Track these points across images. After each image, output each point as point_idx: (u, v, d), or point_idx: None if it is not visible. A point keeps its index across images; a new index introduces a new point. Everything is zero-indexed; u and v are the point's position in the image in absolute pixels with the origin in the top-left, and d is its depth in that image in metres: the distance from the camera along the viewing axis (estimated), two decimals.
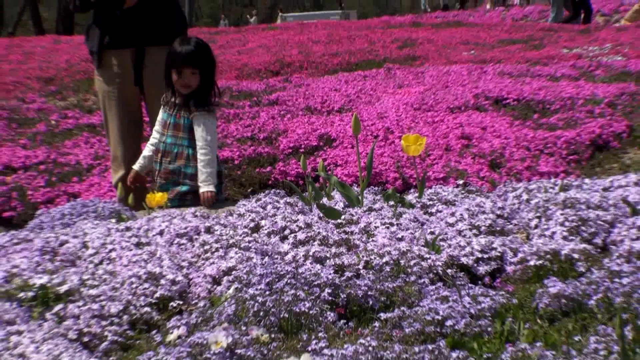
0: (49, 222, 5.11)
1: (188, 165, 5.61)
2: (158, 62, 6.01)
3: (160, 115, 5.82)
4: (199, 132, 5.60)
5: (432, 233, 3.77)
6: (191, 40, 5.81)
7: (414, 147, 4.98)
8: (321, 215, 4.21)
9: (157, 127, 5.83)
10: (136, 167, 5.82)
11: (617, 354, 2.43)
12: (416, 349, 2.71)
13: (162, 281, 3.41)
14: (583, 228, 3.70)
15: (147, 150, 5.86)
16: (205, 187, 5.39)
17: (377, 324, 3.01)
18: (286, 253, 3.64)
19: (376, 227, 3.94)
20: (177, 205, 5.33)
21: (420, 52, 14.92)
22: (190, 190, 5.57)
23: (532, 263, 3.37)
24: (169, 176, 5.62)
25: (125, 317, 3.19)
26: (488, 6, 39.64)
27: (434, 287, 3.24)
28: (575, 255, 3.39)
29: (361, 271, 3.43)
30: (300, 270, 3.33)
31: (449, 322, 2.90)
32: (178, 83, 5.68)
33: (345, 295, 3.19)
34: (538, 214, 3.91)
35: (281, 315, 3.02)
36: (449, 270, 3.41)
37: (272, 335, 2.92)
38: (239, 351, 2.74)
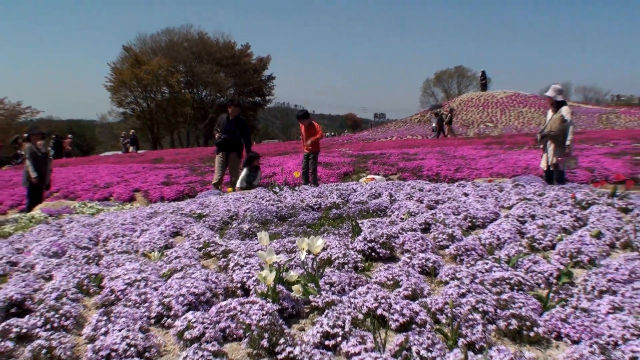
0: (201, 196, 4.63)
1: (257, 186, 5.15)
2: (234, 157, 5.68)
3: (245, 173, 5.32)
4: (258, 177, 5.38)
5: (302, 198, 3.47)
6: (253, 152, 5.50)
7: (297, 175, 4.68)
8: (273, 193, 3.85)
9: (243, 177, 5.30)
10: (241, 186, 5.22)
11: (352, 231, 2.18)
12: (299, 228, 2.47)
13: (232, 211, 3.03)
14: (342, 195, 3.48)
15: (242, 183, 5.25)
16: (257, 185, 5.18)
17: (288, 221, 2.70)
18: (264, 203, 3.30)
19: (287, 196, 3.63)
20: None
21: (296, 149, 14.35)
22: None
23: (321, 206, 3.10)
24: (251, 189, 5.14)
25: (221, 221, 2.82)
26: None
27: (304, 211, 2.96)
28: (340, 203, 3.16)
29: (283, 207, 3.11)
30: (267, 208, 3.01)
31: (308, 221, 2.66)
32: (253, 164, 5.35)
33: (280, 214, 2.89)
34: (329, 193, 3.66)
35: (262, 220, 2.73)
36: (308, 207, 3.14)
37: (260, 225, 2.61)
38: (252, 230, 2.43)
